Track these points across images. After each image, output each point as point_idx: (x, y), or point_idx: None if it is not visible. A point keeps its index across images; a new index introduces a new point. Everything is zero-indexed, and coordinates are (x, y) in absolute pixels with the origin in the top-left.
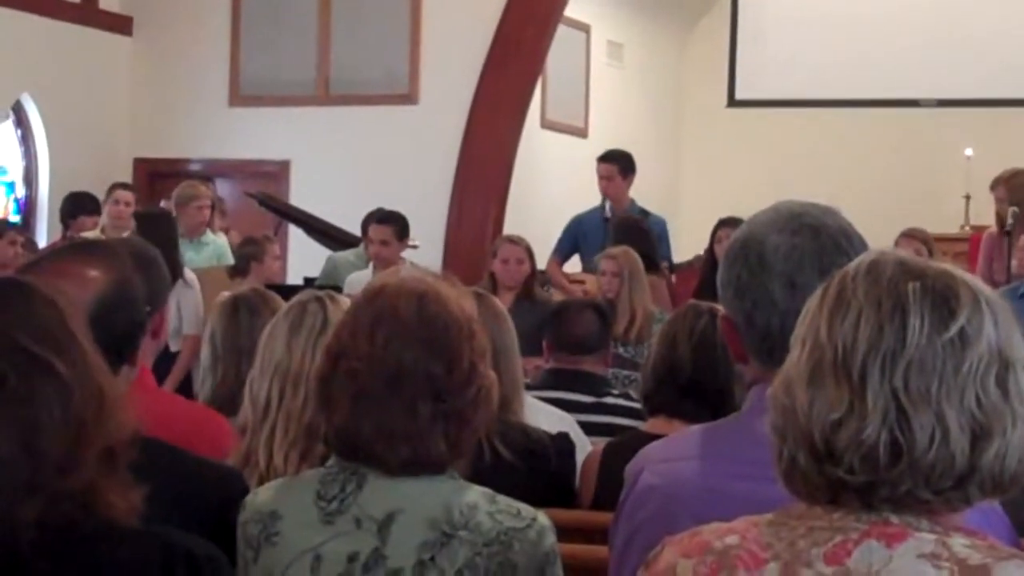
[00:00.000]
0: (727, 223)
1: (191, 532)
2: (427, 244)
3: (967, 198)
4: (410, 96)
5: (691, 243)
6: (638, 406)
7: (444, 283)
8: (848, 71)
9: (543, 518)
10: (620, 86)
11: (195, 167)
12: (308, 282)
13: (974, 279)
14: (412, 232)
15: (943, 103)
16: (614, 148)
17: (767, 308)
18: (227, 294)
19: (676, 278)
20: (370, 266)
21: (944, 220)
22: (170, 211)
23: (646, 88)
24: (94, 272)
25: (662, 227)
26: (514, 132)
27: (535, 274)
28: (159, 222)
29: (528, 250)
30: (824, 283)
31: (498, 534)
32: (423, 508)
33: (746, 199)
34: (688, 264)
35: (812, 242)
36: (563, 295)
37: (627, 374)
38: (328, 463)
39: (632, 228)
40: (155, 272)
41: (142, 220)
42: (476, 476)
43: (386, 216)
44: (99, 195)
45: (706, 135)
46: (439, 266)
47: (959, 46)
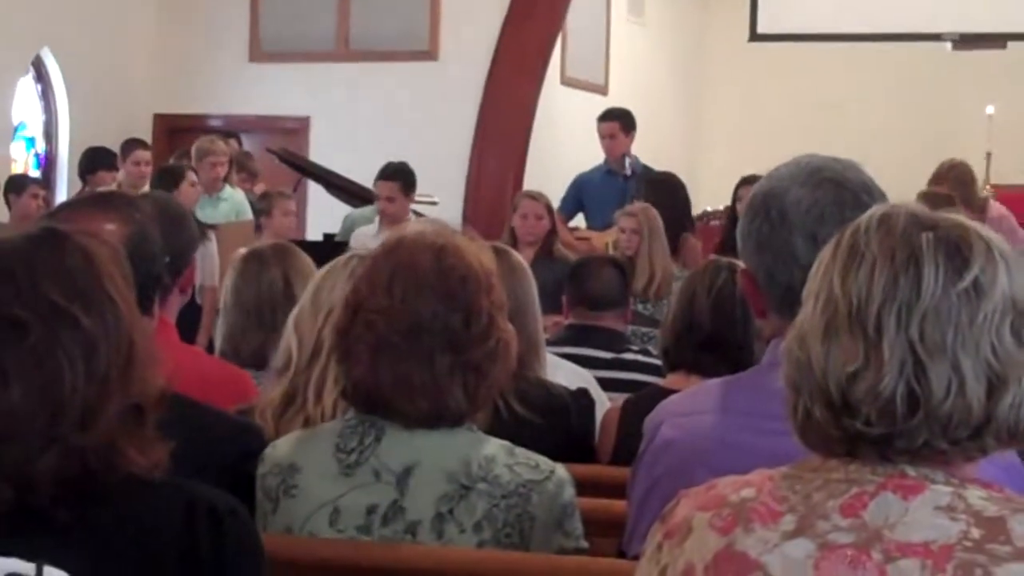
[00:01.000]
0: (748, 181)
1: (210, 485)
2: (447, 200)
3: (988, 156)
4: (430, 52)
5: (711, 199)
6: (657, 362)
7: (463, 237)
8: (869, 4)
9: (562, 471)
10: (641, 42)
11: (215, 123)
12: (328, 238)
13: (986, 229)
14: (431, 188)
15: (965, 37)
16: (612, 107)
17: (788, 262)
18: (243, 249)
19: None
20: (376, 221)
21: None
22: (181, 166)
23: (666, 44)
24: (110, 225)
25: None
26: (534, 89)
27: (555, 230)
28: (171, 175)
29: (548, 206)
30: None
31: (517, 487)
32: (441, 461)
33: (766, 157)
34: (700, 217)
35: (834, 196)
36: (574, 252)
37: (646, 331)
38: (347, 415)
39: (667, 185)
40: (182, 228)
41: (158, 176)
42: (495, 431)
43: (391, 171)
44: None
45: (726, 91)
46: (459, 222)
47: None
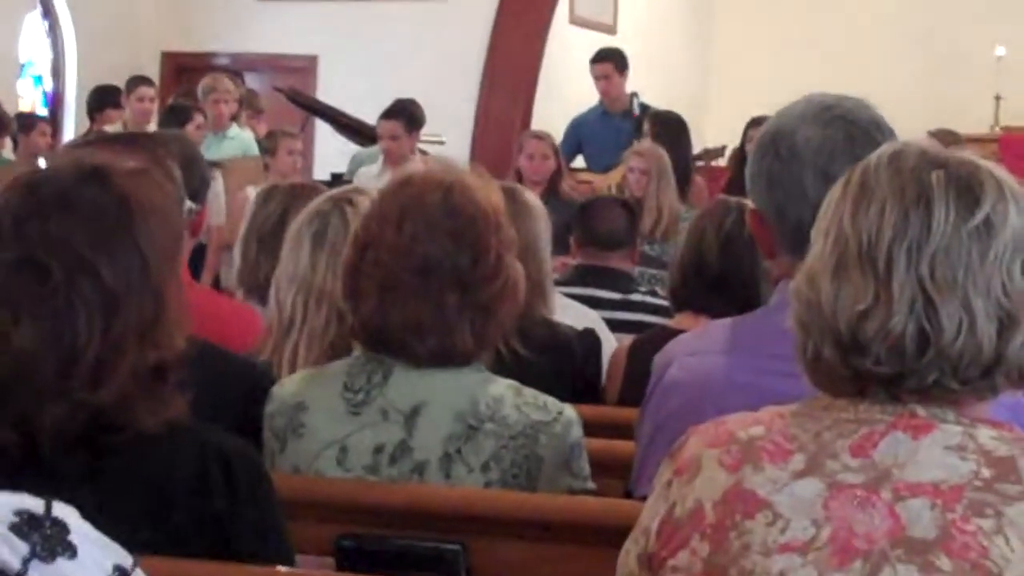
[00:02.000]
0: (758, 122)
1: (219, 424)
2: (454, 140)
3: (997, 98)
4: None
5: (721, 138)
6: (665, 303)
7: (471, 175)
8: None
9: (569, 411)
10: None
11: (222, 61)
12: (335, 177)
13: (997, 167)
14: (439, 127)
15: None
16: (605, 47)
17: (799, 200)
18: (251, 188)
19: (700, 171)
20: (379, 161)
21: (974, 120)
22: (188, 106)
23: None
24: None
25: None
26: (542, 28)
27: (560, 170)
28: (177, 115)
29: (553, 146)
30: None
31: (524, 427)
32: (449, 400)
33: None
34: (705, 151)
35: (845, 133)
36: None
37: (653, 272)
38: (355, 354)
39: (674, 124)
40: (197, 168)
41: (165, 115)
42: (502, 372)
43: (392, 110)
44: None
45: (736, 28)
46: (466, 161)
47: None
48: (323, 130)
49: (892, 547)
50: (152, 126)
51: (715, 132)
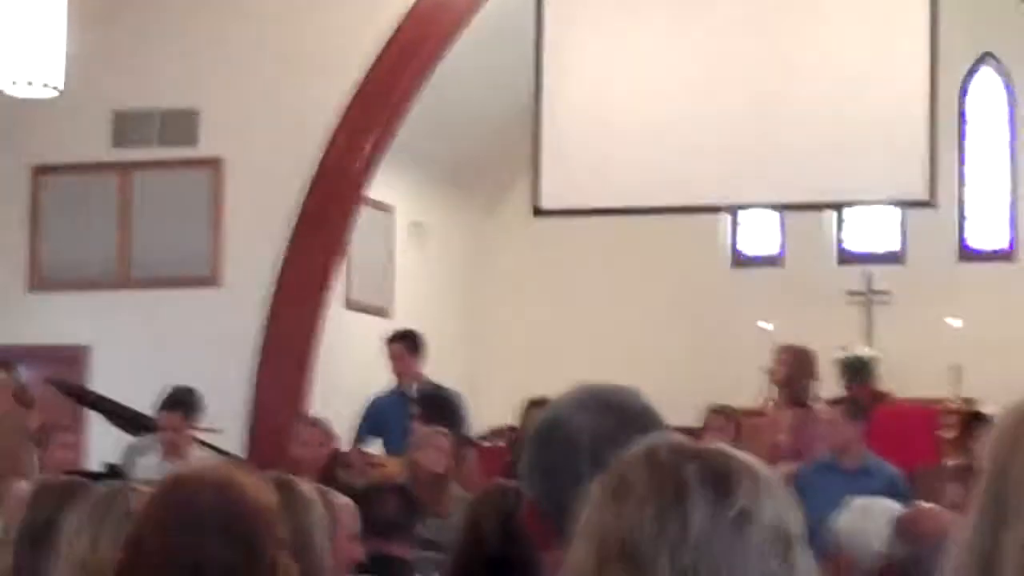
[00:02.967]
0: (536, 404)
1: None
2: (231, 427)
3: (770, 371)
4: (212, 278)
5: (491, 420)
6: None
7: (242, 472)
8: (648, 180)
9: None
10: (424, 266)
11: None
12: (110, 468)
13: (748, 457)
14: (216, 414)
15: (741, 206)
16: (400, 328)
17: (576, 486)
18: (24, 483)
19: (480, 456)
20: (160, 452)
21: (745, 393)
22: None
23: (450, 267)
24: None
25: (458, 401)
26: (317, 313)
27: (336, 456)
28: None
29: (328, 431)
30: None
31: None
32: None
33: (548, 377)
34: (483, 438)
35: (616, 421)
36: (367, 478)
37: (429, 555)
38: None
39: (439, 401)
40: None
41: None
42: None
43: (170, 401)
44: None
45: (509, 311)
46: (244, 449)
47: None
48: (97, 420)
49: None
50: None
51: (490, 411)
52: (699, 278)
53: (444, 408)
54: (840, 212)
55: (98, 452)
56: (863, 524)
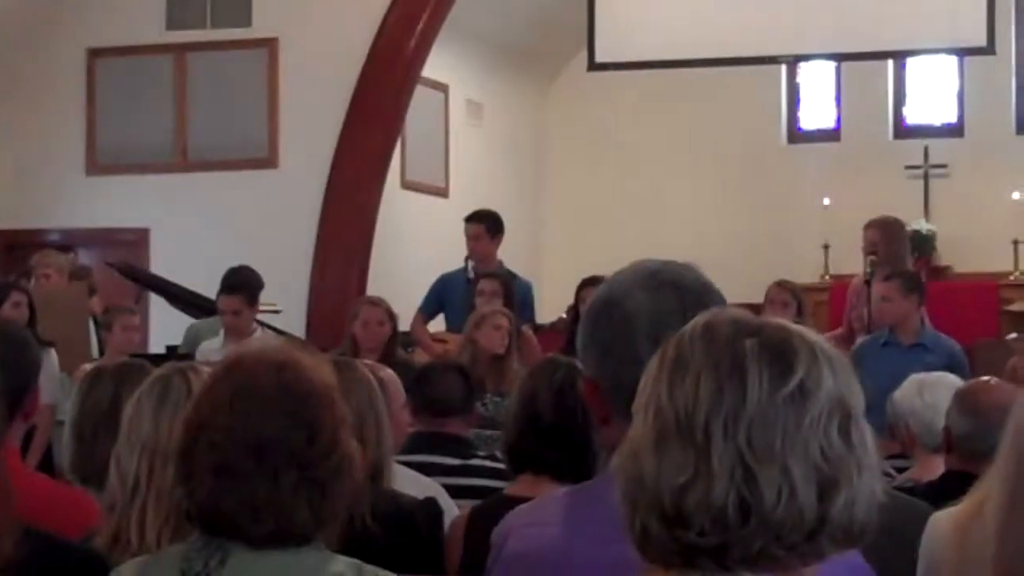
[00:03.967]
0: (590, 282)
1: None
2: (290, 308)
3: (826, 247)
4: (269, 160)
5: (553, 301)
6: (504, 467)
7: (303, 352)
8: (703, 31)
9: None
10: (480, 145)
11: (53, 237)
12: (171, 351)
13: (810, 332)
14: (274, 295)
15: (799, 58)
16: (481, 208)
17: (633, 366)
18: (88, 366)
19: (541, 339)
20: (221, 334)
21: (803, 270)
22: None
23: (506, 146)
24: None
25: (527, 291)
26: (375, 193)
27: (396, 335)
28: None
29: (388, 312)
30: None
31: None
32: None
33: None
34: (551, 325)
35: (674, 298)
36: (426, 354)
37: (488, 434)
38: (192, 538)
39: (501, 281)
40: (23, 352)
41: None
42: (345, 546)
43: (233, 284)
44: None
45: (566, 191)
46: (303, 330)
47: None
48: (158, 303)
49: None
50: None
51: (550, 291)
52: (756, 153)
53: (506, 288)
54: (900, 64)
55: (160, 335)
56: (923, 399)
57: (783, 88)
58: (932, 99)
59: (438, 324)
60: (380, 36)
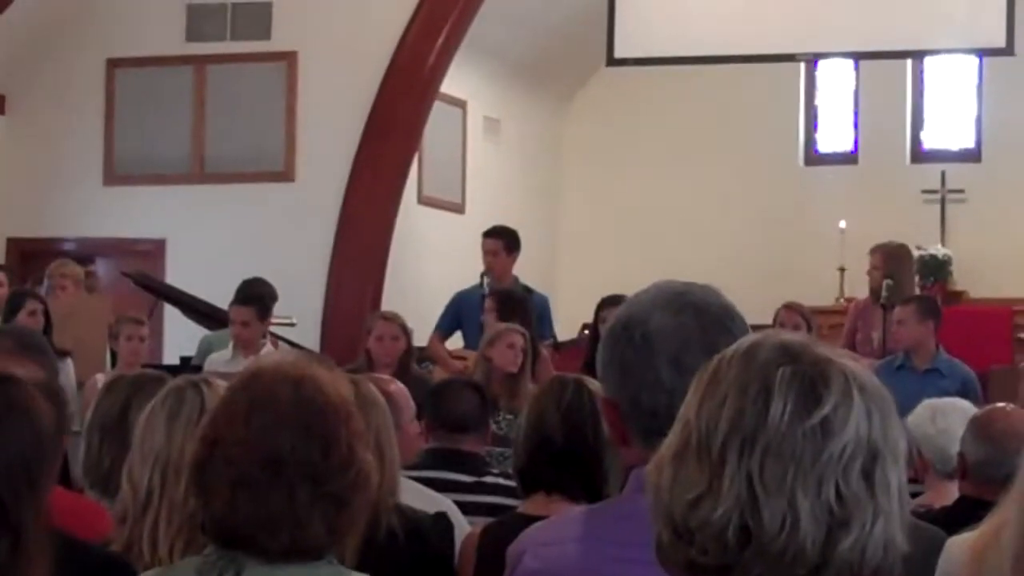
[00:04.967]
0: (611, 302)
1: None
2: (305, 321)
3: (841, 271)
4: (286, 173)
5: (569, 319)
6: None
7: (320, 366)
8: (723, 28)
9: None
10: (497, 161)
11: (69, 246)
12: (184, 362)
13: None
14: (289, 308)
15: (818, 56)
16: (499, 224)
17: (653, 388)
18: (100, 376)
19: (559, 356)
20: (230, 346)
21: (819, 293)
22: (24, 294)
23: (523, 163)
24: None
25: (545, 305)
26: (391, 208)
27: (411, 351)
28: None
29: (403, 327)
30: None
31: None
32: None
33: (621, 272)
34: (572, 342)
35: (696, 321)
36: (444, 372)
37: (501, 451)
38: (206, 551)
39: (511, 301)
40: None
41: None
42: (359, 560)
43: (245, 296)
44: None
45: (583, 208)
46: (317, 344)
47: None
48: (172, 314)
49: None
50: None
51: (565, 307)
52: (773, 175)
53: (520, 306)
54: (918, 89)
55: (174, 346)
56: (936, 425)
57: (801, 111)
58: (950, 124)
59: (456, 342)
60: (399, 52)
